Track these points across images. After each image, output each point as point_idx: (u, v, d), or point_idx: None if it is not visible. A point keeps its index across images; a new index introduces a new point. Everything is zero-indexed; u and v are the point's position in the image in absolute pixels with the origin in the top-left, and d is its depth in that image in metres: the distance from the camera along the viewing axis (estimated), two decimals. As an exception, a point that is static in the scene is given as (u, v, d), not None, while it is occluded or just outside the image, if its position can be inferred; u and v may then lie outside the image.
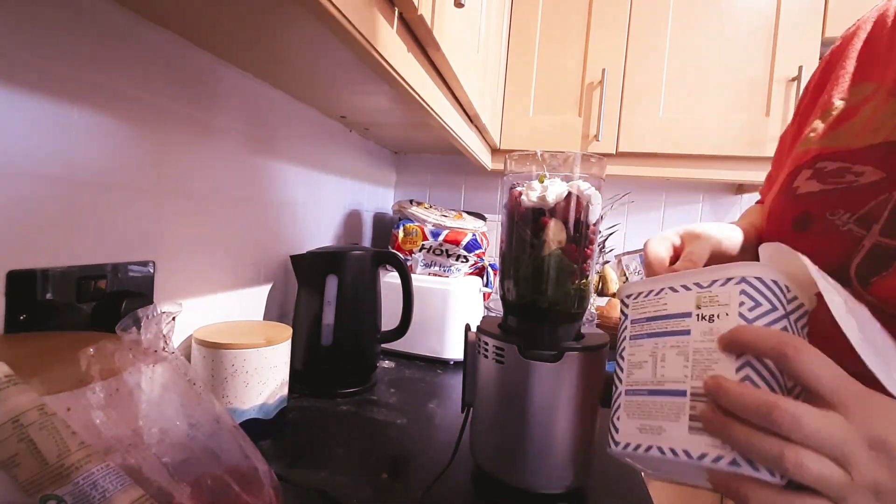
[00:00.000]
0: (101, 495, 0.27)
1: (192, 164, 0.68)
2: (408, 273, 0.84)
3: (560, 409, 0.49)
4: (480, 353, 0.53)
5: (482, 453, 0.54)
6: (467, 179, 1.59)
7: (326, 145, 1.07)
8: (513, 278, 0.52)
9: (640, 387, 0.36)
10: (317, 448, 0.60)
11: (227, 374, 0.58)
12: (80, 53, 0.50)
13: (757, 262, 0.35)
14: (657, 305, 0.37)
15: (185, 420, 0.35)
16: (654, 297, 0.37)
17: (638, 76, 1.17)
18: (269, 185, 0.87)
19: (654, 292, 0.37)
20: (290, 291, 0.95)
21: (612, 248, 1.44)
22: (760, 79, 1.11)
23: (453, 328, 0.97)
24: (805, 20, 1.08)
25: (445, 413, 0.73)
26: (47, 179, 0.49)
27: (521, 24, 1.24)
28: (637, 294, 0.39)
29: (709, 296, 0.33)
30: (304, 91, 0.85)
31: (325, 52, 0.62)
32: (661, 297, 0.37)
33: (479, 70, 0.90)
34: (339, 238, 1.20)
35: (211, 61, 0.69)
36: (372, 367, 0.85)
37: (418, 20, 0.54)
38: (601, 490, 0.54)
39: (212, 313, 0.74)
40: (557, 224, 0.50)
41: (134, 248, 0.59)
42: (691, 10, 1.14)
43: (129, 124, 0.57)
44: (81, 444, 0.28)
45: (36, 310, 0.47)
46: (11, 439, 0.26)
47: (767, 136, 1.09)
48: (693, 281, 0.35)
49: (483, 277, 1.15)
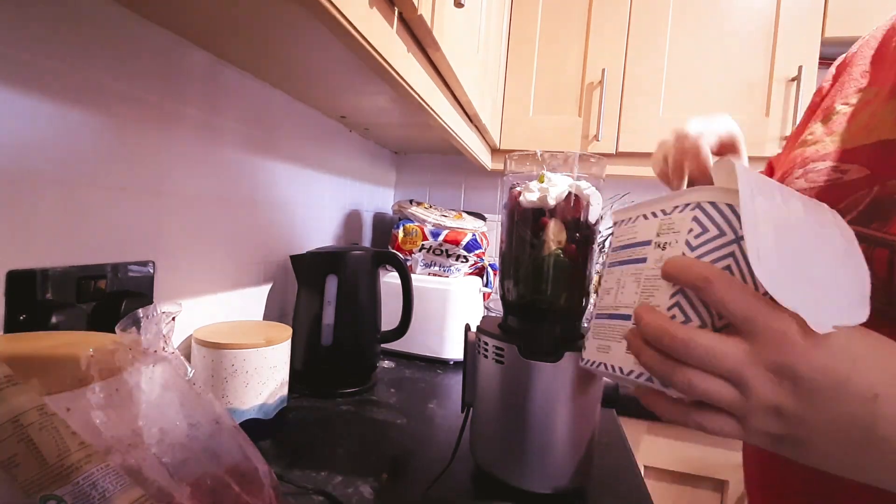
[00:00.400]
0: (101, 495, 0.27)
1: (192, 164, 0.68)
2: (408, 273, 0.84)
3: (560, 409, 0.49)
4: (480, 353, 0.53)
5: (482, 453, 0.54)
6: (467, 179, 1.59)
7: (326, 145, 1.07)
8: (513, 278, 0.52)
9: (603, 311, 0.39)
10: (317, 448, 0.60)
11: (227, 374, 0.58)
12: (79, 53, 0.50)
13: (714, 186, 0.35)
14: (630, 234, 0.38)
15: (185, 420, 0.35)
16: (630, 224, 0.38)
17: (638, 76, 1.17)
18: (269, 184, 0.87)
19: (631, 220, 0.38)
20: (290, 291, 0.95)
21: (612, 248, 1.44)
22: (760, 79, 1.11)
23: (453, 328, 0.97)
24: (805, 20, 1.08)
25: (445, 413, 0.73)
26: (47, 179, 0.49)
27: (521, 24, 1.24)
28: (619, 223, 0.40)
29: (668, 223, 0.34)
30: (304, 91, 0.85)
31: (325, 52, 0.62)
32: (635, 225, 0.38)
33: (479, 70, 0.90)
34: (339, 238, 1.20)
35: (211, 61, 0.69)
36: (372, 367, 0.85)
37: (418, 20, 0.54)
38: (601, 490, 0.54)
39: (212, 313, 0.74)
40: (557, 224, 0.50)
41: (134, 248, 0.59)
42: (691, 10, 1.14)
43: (128, 124, 0.57)
44: (81, 445, 0.28)
45: (36, 310, 0.47)
46: (11, 439, 0.26)
47: (767, 136, 1.09)
48: (660, 208, 0.35)
49: (483, 277, 1.15)
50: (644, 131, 1.16)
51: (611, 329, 0.37)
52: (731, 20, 1.12)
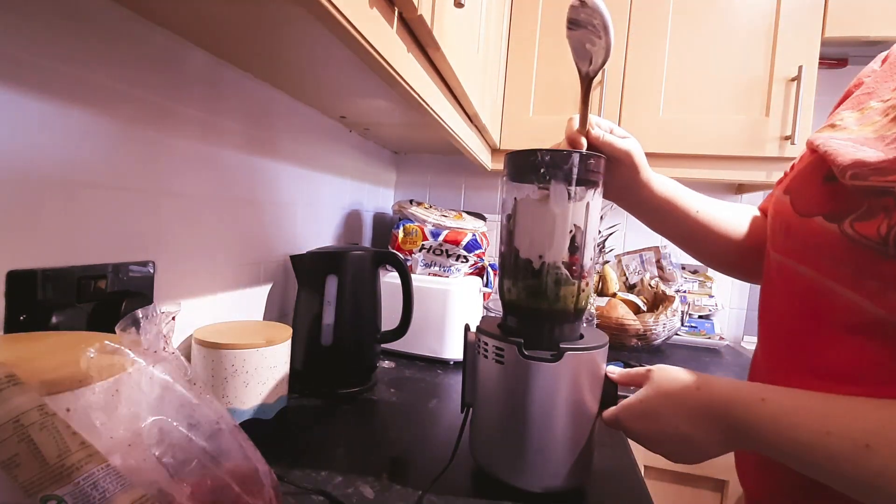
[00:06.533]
0: (101, 495, 0.27)
1: (192, 164, 0.68)
2: (408, 273, 0.84)
3: (560, 408, 0.49)
4: (480, 353, 0.53)
5: (482, 453, 0.54)
6: (467, 179, 1.59)
7: (326, 145, 1.07)
8: (512, 278, 0.52)
9: None
10: (317, 448, 0.60)
11: (227, 374, 0.58)
12: (79, 53, 0.50)
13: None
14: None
15: (185, 420, 0.35)
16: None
17: (638, 76, 1.17)
18: (269, 184, 0.87)
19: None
20: (290, 291, 0.95)
21: (612, 248, 1.44)
22: (760, 79, 1.11)
23: (453, 328, 0.97)
24: (805, 20, 1.08)
25: (445, 413, 0.73)
26: (47, 179, 0.49)
27: (521, 24, 1.24)
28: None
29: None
30: (304, 91, 0.85)
31: (324, 52, 0.62)
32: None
33: (479, 70, 0.90)
34: (339, 238, 1.20)
35: (211, 61, 0.69)
36: (372, 367, 0.85)
37: (418, 20, 0.54)
38: (601, 490, 0.54)
39: (212, 313, 0.74)
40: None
41: (134, 248, 0.59)
42: (691, 10, 1.14)
43: (129, 124, 0.57)
44: (82, 445, 0.28)
45: (36, 310, 0.47)
46: (12, 439, 0.26)
47: (767, 136, 1.09)
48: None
49: (483, 277, 1.15)
50: (644, 131, 1.16)
51: None
52: (730, 20, 1.12)
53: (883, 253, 0.34)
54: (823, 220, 0.40)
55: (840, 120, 0.46)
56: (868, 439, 0.33)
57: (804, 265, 0.42)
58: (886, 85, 0.45)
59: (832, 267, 0.39)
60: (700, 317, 1.40)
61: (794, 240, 0.44)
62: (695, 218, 0.59)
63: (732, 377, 0.43)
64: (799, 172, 0.47)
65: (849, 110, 0.46)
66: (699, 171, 1.16)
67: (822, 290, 0.40)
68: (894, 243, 0.33)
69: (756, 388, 0.40)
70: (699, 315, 1.40)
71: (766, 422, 0.38)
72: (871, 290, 0.36)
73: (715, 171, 1.15)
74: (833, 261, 0.39)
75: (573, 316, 0.52)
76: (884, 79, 0.46)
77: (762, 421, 0.38)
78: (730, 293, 1.43)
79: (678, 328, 1.22)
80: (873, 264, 0.35)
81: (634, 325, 1.19)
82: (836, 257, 0.39)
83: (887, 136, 0.38)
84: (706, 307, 1.40)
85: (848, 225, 0.37)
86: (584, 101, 0.54)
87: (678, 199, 0.59)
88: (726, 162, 1.14)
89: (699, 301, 1.40)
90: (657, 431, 0.45)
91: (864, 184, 0.36)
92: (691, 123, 1.14)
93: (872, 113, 0.43)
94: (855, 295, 0.37)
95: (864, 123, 0.43)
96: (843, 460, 0.34)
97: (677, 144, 1.14)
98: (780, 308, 0.47)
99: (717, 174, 1.15)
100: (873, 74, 0.48)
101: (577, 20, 0.50)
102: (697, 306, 1.40)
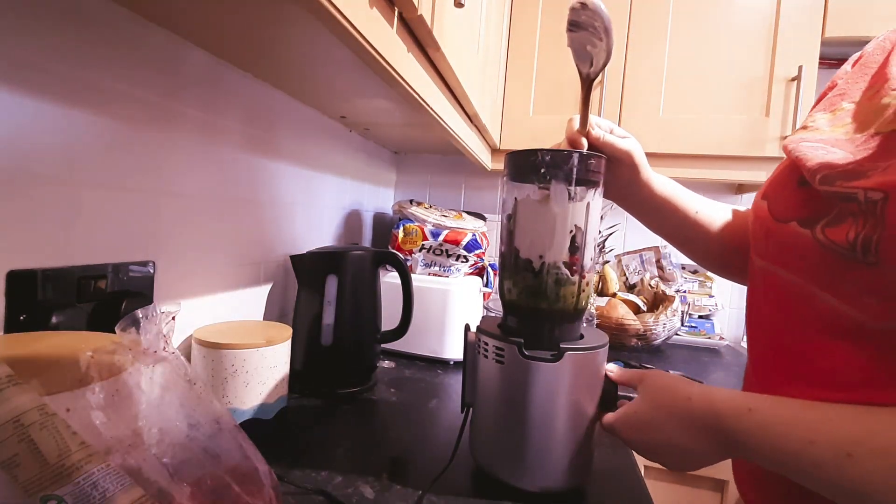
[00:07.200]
0: (101, 495, 0.27)
1: (192, 164, 0.68)
2: (408, 273, 0.84)
3: (560, 408, 0.49)
4: (480, 353, 0.53)
5: (482, 453, 0.54)
6: (467, 179, 1.59)
7: (326, 145, 1.07)
8: (512, 278, 0.52)
9: None
10: (317, 448, 0.60)
11: (226, 375, 0.58)
12: (79, 53, 0.50)
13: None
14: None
15: (185, 420, 0.35)
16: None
17: (638, 76, 1.17)
18: (269, 184, 0.87)
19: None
20: (290, 291, 0.95)
21: (612, 248, 1.44)
22: (760, 79, 1.11)
23: (453, 328, 0.97)
24: (805, 20, 1.08)
25: (445, 413, 0.73)
26: (47, 179, 0.49)
27: (521, 23, 1.24)
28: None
29: None
30: (304, 91, 0.85)
31: (324, 52, 0.62)
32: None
33: (478, 70, 0.90)
34: (339, 238, 1.20)
35: (211, 61, 0.68)
36: (372, 367, 0.85)
37: (418, 20, 0.54)
38: (601, 490, 0.54)
39: (212, 313, 0.74)
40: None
41: (134, 248, 0.59)
42: (691, 10, 1.14)
43: (128, 124, 0.57)
44: (82, 445, 0.28)
45: (36, 310, 0.47)
46: (12, 439, 0.26)
47: (767, 136, 1.09)
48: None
49: (483, 277, 1.15)
50: (644, 131, 1.16)
51: None
52: (731, 20, 1.12)
53: (853, 259, 0.34)
54: (798, 226, 0.40)
55: (812, 121, 0.46)
56: (850, 448, 0.33)
57: (785, 269, 0.42)
58: (857, 86, 0.45)
59: (810, 272, 0.39)
60: (700, 317, 1.40)
61: (773, 245, 0.44)
62: (694, 219, 0.59)
63: (732, 377, 0.43)
64: (776, 177, 0.48)
65: (821, 112, 0.46)
66: (699, 171, 1.16)
67: (804, 294, 0.40)
68: (862, 250, 0.33)
69: (744, 398, 0.41)
70: (699, 315, 1.40)
71: (755, 432, 0.38)
72: (850, 295, 0.36)
73: (715, 171, 1.15)
74: (811, 266, 0.39)
75: (573, 316, 0.52)
76: (854, 80, 0.46)
77: (750, 431, 0.38)
78: (730, 293, 1.43)
79: (678, 328, 1.22)
80: (847, 270, 0.35)
81: (634, 325, 1.19)
82: (813, 262, 0.39)
83: (857, 139, 0.38)
84: (706, 307, 1.40)
85: (819, 231, 0.37)
86: (585, 102, 0.54)
87: (678, 200, 0.59)
88: (726, 162, 1.14)
89: (699, 301, 1.40)
90: (653, 442, 0.46)
91: (832, 189, 0.36)
92: (691, 123, 1.14)
93: (844, 114, 0.43)
94: (834, 300, 0.37)
95: (835, 125, 0.43)
96: (827, 469, 0.34)
97: (677, 144, 1.14)
98: (766, 313, 0.46)
99: (717, 174, 1.15)
100: (845, 76, 0.48)
101: (578, 22, 0.50)
102: (697, 306, 1.40)
